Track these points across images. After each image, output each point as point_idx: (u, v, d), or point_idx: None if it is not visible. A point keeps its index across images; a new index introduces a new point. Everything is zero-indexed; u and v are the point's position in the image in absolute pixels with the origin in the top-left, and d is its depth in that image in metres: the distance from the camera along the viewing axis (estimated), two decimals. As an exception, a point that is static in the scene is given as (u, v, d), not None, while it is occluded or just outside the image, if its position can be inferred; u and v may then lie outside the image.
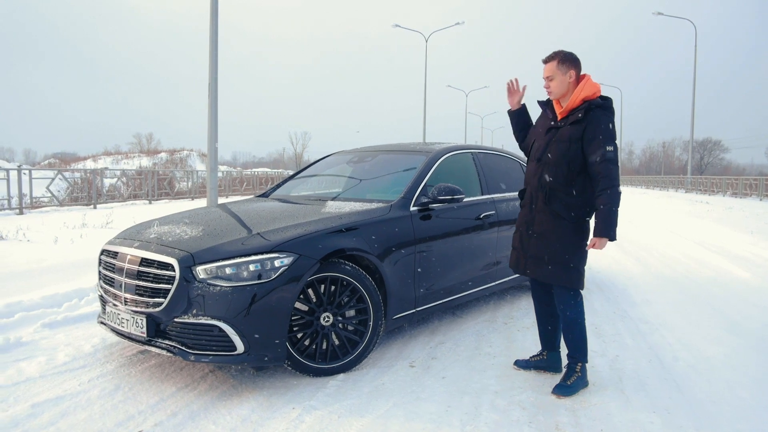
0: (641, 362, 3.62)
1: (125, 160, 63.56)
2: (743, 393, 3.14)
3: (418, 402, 2.99)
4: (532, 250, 3.19)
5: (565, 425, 2.75)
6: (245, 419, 2.78)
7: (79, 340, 3.96)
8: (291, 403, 2.96)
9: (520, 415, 2.85)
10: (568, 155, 3.04)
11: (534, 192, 3.20)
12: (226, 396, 3.07)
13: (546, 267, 3.13)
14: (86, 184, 17.06)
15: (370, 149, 5.21)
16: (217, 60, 8.82)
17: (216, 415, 2.83)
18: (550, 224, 3.11)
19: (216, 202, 8.75)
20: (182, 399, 3.02)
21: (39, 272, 5.93)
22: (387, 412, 2.86)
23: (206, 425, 2.73)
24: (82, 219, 10.78)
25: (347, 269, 3.37)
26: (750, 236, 9.96)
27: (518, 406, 2.96)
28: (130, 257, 3.31)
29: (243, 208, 4.13)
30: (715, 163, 76.38)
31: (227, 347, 3.01)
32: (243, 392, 3.12)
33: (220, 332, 2.99)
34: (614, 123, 3.07)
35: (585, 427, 2.74)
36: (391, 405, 2.94)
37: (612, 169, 2.96)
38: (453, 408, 2.92)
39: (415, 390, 3.15)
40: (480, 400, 3.02)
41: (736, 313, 4.80)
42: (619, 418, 2.83)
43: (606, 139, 2.97)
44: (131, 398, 3.03)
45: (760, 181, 25.37)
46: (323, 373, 3.31)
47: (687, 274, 6.54)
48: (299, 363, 3.24)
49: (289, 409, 2.89)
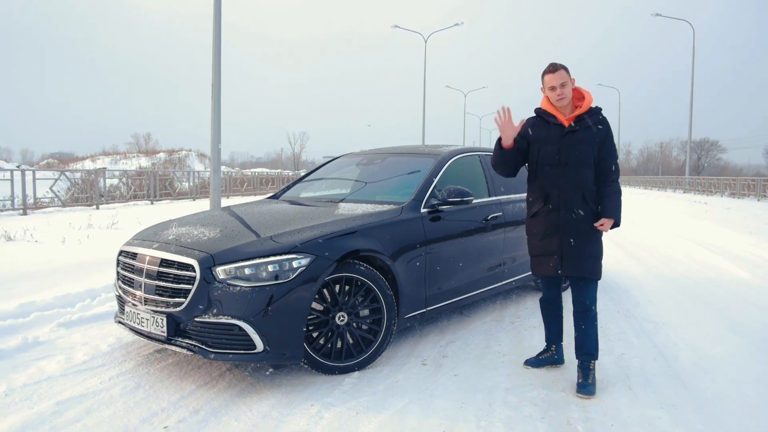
0: (647, 360, 3.72)
1: (123, 160, 63.53)
2: (748, 390, 3.23)
3: (433, 399, 3.08)
4: (577, 251, 3.25)
5: (576, 420, 2.84)
6: (266, 416, 2.87)
7: (95, 340, 4.03)
8: (309, 400, 3.04)
9: (532, 411, 2.94)
10: (588, 156, 3.24)
11: (564, 194, 3.25)
12: (245, 393, 3.16)
13: (587, 263, 3.26)
14: (87, 184, 17.09)
15: (379, 151, 5.29)
16: (220, 62, 8.89)
17: (237, 412, 2.91)
18: (589, 222, 3.26)
19: (219, 203, 8.82)
20: (202, 396, 3.11)
21: (49, 273, 6.00)
22: (403, 408, 2.95)
23: (228, 421, 2.81)
24: (87, 219, 10.84)
25: (362, 269, 3.45)
26: (749, 237, 10.07)
27: (530, 402, 3.05)
28: (149, 258, 3.39)
29: (257, 210, 4.21)
30: (712, 163, 76.63)
31: (247, 346, 3.09)
32: (261, 390, 3.21)
33: (240, 331, 3.07)
34: None
35: (596, 422, 2.83)
36: (407, 401, 3.03)
37: (617, 169, 3.33)
38: (467, 405, 3.01)
39: (429, 387, 3.24)
40: (492, 397, 3.11)
41: (737, 313, 4.89)
42: (628, 413, 2.92)
43: (613, 144, 3.32)
44: (152, 396, 3.11)
45: (758, 182, 25.51)
46: (339, 371, 3.39)
47: (688, 275, 6.64)
48: (315, 361, 3.32)
49: (308, 405, 2.98)
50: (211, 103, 8.92)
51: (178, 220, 4.04)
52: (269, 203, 4.64)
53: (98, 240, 8.22)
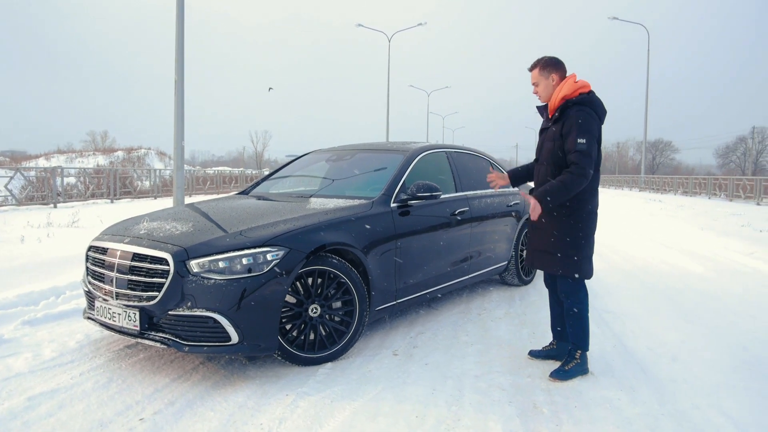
0: (606, 347, 3.90)
1: (80, 158, 61.69)
2: (699, 373, 3.44)
3: (405, 386, 3.17)
4: (536, 244, 3.42)
5: (542, 403, 2.98)
6: (242, 405, 2.91)
7: (62, 337, 3.99)
8: (284, 390, 3.10)
9: (500, 396, 3.07)
10: (554, 152, 3.27)
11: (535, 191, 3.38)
12: (220, 385, 3.19)
13: (547, 258, 3.35)
14: (44, 183, 16.57)
15: (347, 148, 5.36)
16: (183, 58, 8.77)
17: (212, 403, 2.95)
18: (547, 219, 3.33)
19: (183, 201, 8.72)
20: (177, 389, 3.13)
21: (10, 271, 5.86)
22: (377, 395, 3.04)
23: (204, 412, 2.85)
24: (46, 218, 10.56)
25: (334, 262, 3.52)
26: (701, 232, 10.55)
27: (498, 388, 3.18)
28: (121, 253, 3.38)
29: (228, 205, 4.23)
30: (666, 163, 79.19)
31: (222, 338, 3.13)
32: (236, 382, 3.24)
33: (215, 323, 3.10)
34: (593, 116, 3.19)
35: (560, 404, 2.97)
36: (380, 389, 3.12)
37: (581, 159, 3.11)
38: (438, 391, 3.11)
39: (401, 376, 3.34)
40: (462, 384, 3.22)
41: (690, 303, 5.16)
42: (589, 395, 3.08)
43: (578, 132, 3.12)
44: (126, 390, 3.12)
45: (709, 181, 26.65)
46: (312, 363, 3.46)
47: (645, 268, 6.93)
48: (289, 353, 3.38)
49: (283, 395, 3.04)
50: (174, 99, 8.80)
51: (149, 215, 4.03)
52: (239, 199, 4.66)
53: (59, 238, 8.03)
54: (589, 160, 3.13)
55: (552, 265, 3.35)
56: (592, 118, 3.19)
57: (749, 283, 6.06)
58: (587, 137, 3.13)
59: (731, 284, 6.01)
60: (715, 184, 26.03)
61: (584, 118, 3.16)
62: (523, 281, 5.81)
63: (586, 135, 3.13)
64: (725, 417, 2.84)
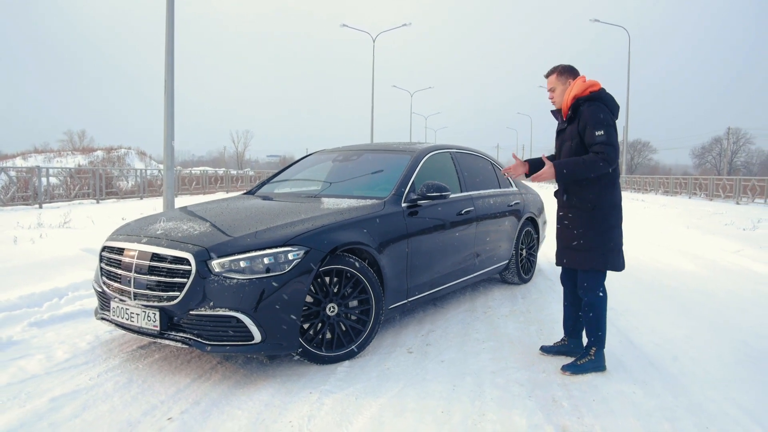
0: (613, 342, 3.99)
1: (58, 158, 60.48)
2: (708, 367, 3.54)
3: (425, 383, 3.22)
4: (564, 242, 3.50)
5: (561, 398, 3.06)
6: (268, 404, 2.93)
7: (72, 338, 3.96)
8: (307, 388, 3.13)
9: (519, 391, 3.13)
10: (574, 150, 3.36)
11: (559, 190, 3.52)
12: (242, 384, 3.21)
13: (576, 255, 3.41)
14: (24, 183, 16.27)
15: (353, 148, 5.40)
16: (173, 58, 8.70)
17: (238, 402, 2.97)
18: (571, 216, 3.43)
19: (173, 201, 8.65)
20: (199, 389, 3.14)
21: (7, 272, 5.77)
22: (400, 392, 3.08)
23: (231, 411, 2.86)
24: (36, 219, 10.39)
25: (352, 262, 3.56)
26: (687, 231, 10.79)
27: (516, 383, 3.25)
28: (139, 253, 3.38)
29: (241, 205, 4.24)
30: (644, 163, 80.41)
31: (245, 337, 3.14)
32: (257, 381, 3.26)
33: (238, 323, 3.12)
34: (606, 110, 3.27)
35: (578, 398, 3.05)
36: (402, 386, 3.17)
37: (605, 148, 3.18)
38: (459, 387, 3.17)
39: (420, 373, 3.39)
40: (481, 380, 3.28)
41: (687, 300, 5.29)
42: (606, 389, 3.16)
43: (595, 126, 3.21)
44: (148, 390, 3.12)
45: (689, 180, 27.20)
46: (330, 361, 3.49)
47: (638, 267, 7.07)
48: (308, 352, 3.41)
49: (307, 393, 3.07)
50: (164, 99, 8.73)
51: (165, 215, 4.03)
52: (249, 199, 4.67)
53: (53, 239, 7.92)
54: (611, 149, 3.20)
55: (582, 261, 3.40)
56: (604, 112, 3.28)
57: (739, 280, 6.24)
58: (604, 128, 3.21)
59: (724, 281, 6.17)
60: (695, 183, 26.57)
61: (596, 112, 3.26)
62: (523, 280, 5.91)
63: (603, 127, 3.22)
64: (739, 408, 2.94)
